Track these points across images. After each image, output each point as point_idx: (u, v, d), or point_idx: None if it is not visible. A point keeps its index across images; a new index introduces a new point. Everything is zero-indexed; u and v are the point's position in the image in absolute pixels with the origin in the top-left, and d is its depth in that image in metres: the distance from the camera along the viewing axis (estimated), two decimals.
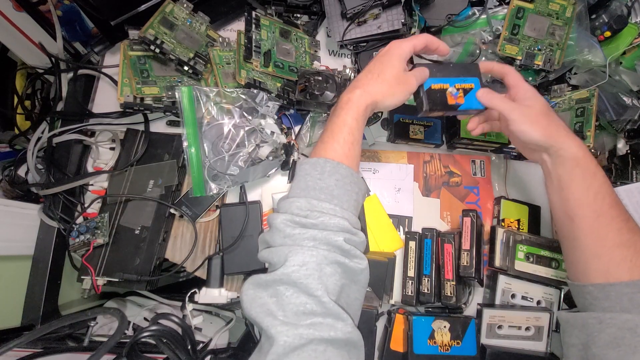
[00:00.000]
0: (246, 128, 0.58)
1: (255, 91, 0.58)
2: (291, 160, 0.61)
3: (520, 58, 0.61)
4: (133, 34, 0.59)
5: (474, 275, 0.55)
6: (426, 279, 0.56)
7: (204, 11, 0.63)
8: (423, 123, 0.63)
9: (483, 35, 0.65)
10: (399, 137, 0.62)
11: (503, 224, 0.60)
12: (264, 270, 0.57)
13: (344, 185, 0.42)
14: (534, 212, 0.63)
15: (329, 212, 0.40)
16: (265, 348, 0.34)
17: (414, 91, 0.49)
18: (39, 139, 0.60)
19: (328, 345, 0.35)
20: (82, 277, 0.54)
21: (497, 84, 0.67)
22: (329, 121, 0.46)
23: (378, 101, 0.46)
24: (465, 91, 0.50)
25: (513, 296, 0.57)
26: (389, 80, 0.46)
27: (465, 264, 0.55)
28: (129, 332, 0.62)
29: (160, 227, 0.57)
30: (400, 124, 0.62)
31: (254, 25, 0.60)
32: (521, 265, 0.56)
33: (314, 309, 0.36)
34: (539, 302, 0.57)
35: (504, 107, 0.48)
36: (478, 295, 0.60)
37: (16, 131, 0.69)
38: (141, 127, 0.62)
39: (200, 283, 0.57)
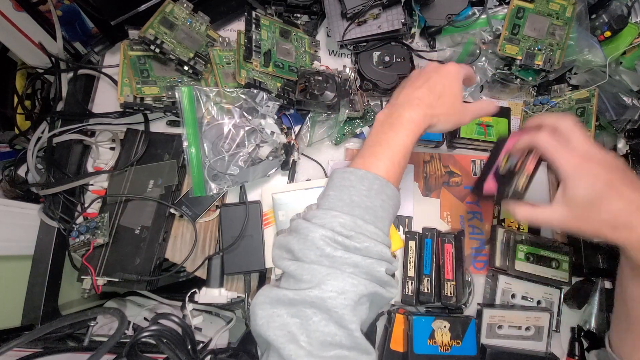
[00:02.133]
0: (246, 128, 0.58)
1: (255, 91, 0.58)
2: (291, 160, 0.61)
3: (520, 58, 0.61)
4: (133, 34, 0.59)
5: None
6: (426, 278, 0.56)
7: (204, 11, 0.63)
8: None
9: (483, 35, 0.65)
10: None
11: (503, 224, 0.60)
12: (262, 272, 0.58)
13: (388, 207, 0.39)
14: None
15: (372, 237, 0.37)
16: None
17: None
18: (39, 139, 0.60)
19: None
20: (82, 277, 0.54)
21: (498, 84, 0.67)
22: (380, 130, 0.42)
23: (433, 125, 0.43)
24: None
25: (513, 296, 0.57)
26: (448, 106, 0.43)
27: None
28: (129, 332, 0.62)
29: (160, 227, 0.57)
30: None
31: (254, 25, 0.60)
32: (521, 265, 0.56)
33: (341, 342, 0.33)
34: (539, 302, 0.57)
35: (543, 220, 0.42)
36: (478, 295, 0.60)
37: (16, 131, 0.69)
38: (141, 127, 0.62)
39: (200, 283, 0.57)
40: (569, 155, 0.38)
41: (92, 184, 0.61)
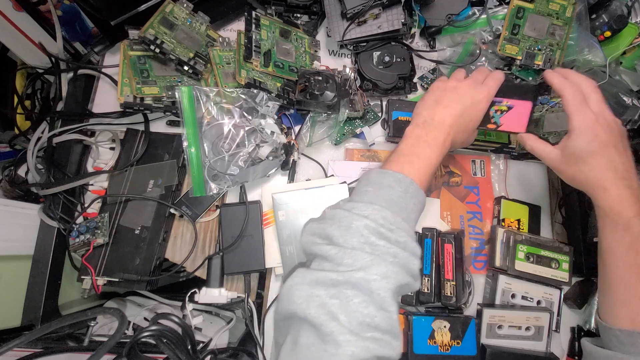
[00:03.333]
0: (246, 128, 0.58)
1: (255, 91, 0.58)
2: (291, 160, 0.61)
3: (520, 58, 0.61)
4: (133, 33, 0.59)
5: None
6: (426, 278, 0.56)
7: (204, 11, 0.63)
8: None
9: (483, 35, 0.65)
10: (398, 133, 0.62)
11: (503, 224, 0.60)
12: (262, 272, 0.58)
13: (418, 211, 0.44)
14: (534, 212, 0.63)
15: (408, 233, 0.40)
16: (329, 350, 0.33)
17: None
18: (39, 139, 0.60)
19: None
20: (82, 277, 0.54)
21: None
22: (416, 143, 0.46)
23: (451, 147, 0.49)
24: None
25: (513, 296, 0.57)
26: (468, 134, 0.51)
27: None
28: (129, 332, 0.62)
29: (160, 227, 0.57)
30: (399, 122, 0.62)
31: (254, 25, 0.60)
32: (521, 265, 0.56)
33: (379, 324, 0.35)
34: (539, 302, 0.57)
35: (540, 151, 0.49)
36: (478, 295, 0.60)
37: (16, 131, 0.69)
38: (141, 127, 0.62)
39: (200, 283, 0.57)
40: (585, 111, 0.44)
41: (92, 184, 0.61)
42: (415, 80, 0.67)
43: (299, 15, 0.68)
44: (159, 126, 0.64)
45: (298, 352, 0.34)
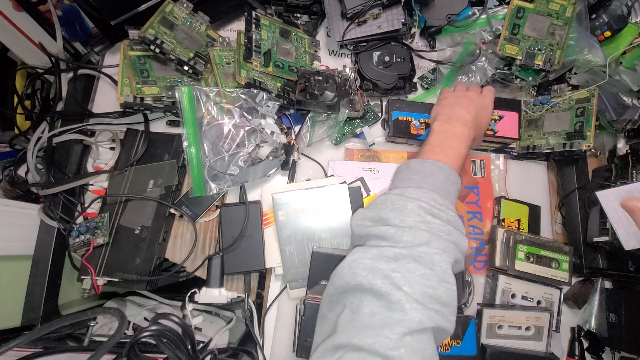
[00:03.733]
0: (246, 128, 0.58)
1: (255, 91, 0.58)
2: (291, 160, 0.61)
3: (520, 58, 0.61)
4: (133, 33, 0.59)
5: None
6: None
7: (204, 11, 0.63)
8: (423, 121, 0.63)
9: (483, 35, 0.65)
10: (398, 133, 0.62)
11: (503, 224, 0.60)
12: (262, 272, 0.58)
13: (455, 196, 0.47)
14: (534, 212, 0.63)
15: (455, 215, 0.43)
16: (396, 317, 0.34)
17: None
18: (39, 138, 0.60)
19: (443, 334, 0.37)
20: (82, 277, 0.54)
21: (498, 84, 0.67)
22: (447, 136, 0.51)
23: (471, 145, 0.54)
24: (427, 125, 0.61)
25: (513, 296, 0.57)
26: (482, 131, 0.57)
27: None
28: (129, 332, 0.62)
29: (160, 227, 0.57)
30: (399, 122, 0.62)
31: (254, 25, 0.60)
32: (521, 265, 0.56)
33: (440, 296, 0.37)
34: (539, 302, 0.57)
35: None
36: (478, 295, 0.60)
37: (16, 131, 0.69)
38: (141, 127, 0.62)
39: (200, 283, 0.57)
40: None
41: (92, 184, 0.61)
42: (415, 80, 0.68)
43: (299, 15, 0.68)
44: (159, 126, 0.64)
45: (360, 320, 0.36)
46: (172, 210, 0.58)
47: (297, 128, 0.64)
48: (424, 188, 0.44)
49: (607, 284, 0.61)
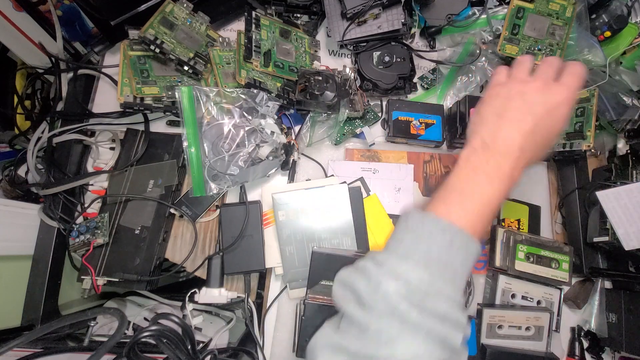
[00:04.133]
0: (246, 128, 0.58)
1: (255, 91, 0.58)
2: (291, 160, 0.61)
3: None
4: (133, 34, 0.59)
5: None
6: None
7: (204, 11, 0.63)
8: (423, 120, 0.63)
9: (483, 35, 0.65)
10: (398, 133, 0.62)
11: (503, 224, 0.60)
12: (262, 272, 0.58)
13: (468, 266, 0.35)
14: (534, 212, 0.63)
15: (451, 299, 0.32)
16: None
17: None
18: (39, 139, 0.60)
19: None
20: (82, 277, 0.54)
21: None
22: (473, 176, 0.36)
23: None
24: (427, 125, 0.62)
25: (513, 296, 0.57)
26: (547, 147, 0.39)
27: None
28: (129, 332, 0.62)
29: (160, 227, 0.57)
30: (399, 122, 0.62)
31: (254, 25, 0.60)
32: (521, 265, 0.56)
33: None
34: (539, 302, 0.57)
35: None
36: (478, 295, 0.60)
37: (16, 131, 0.69)
38: (141, 127, 0.62)
39: (200, 283, 0.57)
40: None
41: (92, 184, 0.61)
42: (415, 80, 0.67)
43: (299, 15, 0.68)
44: (159, 126, 0.64)
45: None
46: (172, 210, 0.58)
47: (297, 128, 0.64)
48: (411, 259, 0.33)
49: (607, 284, 0.61)
